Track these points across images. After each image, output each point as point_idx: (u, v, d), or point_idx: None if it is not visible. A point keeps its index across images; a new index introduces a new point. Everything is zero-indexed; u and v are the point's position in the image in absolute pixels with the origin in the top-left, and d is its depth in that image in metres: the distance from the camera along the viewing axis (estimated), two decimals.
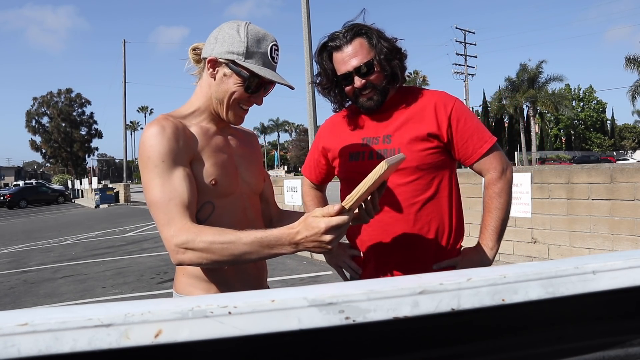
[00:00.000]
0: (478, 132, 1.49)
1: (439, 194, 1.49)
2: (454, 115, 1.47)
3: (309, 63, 12.10)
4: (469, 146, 1.48)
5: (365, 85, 1.45)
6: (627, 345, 0.51)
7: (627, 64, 33.47)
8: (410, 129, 1.47)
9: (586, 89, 58.38)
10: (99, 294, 5.64)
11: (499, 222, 1.48)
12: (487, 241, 1.48)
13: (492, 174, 1.49)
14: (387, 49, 1.45)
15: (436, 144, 1.46)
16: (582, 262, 0.50)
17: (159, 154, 1.12)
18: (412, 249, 1.48)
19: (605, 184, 4.78)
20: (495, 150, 1.50)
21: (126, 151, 31.34)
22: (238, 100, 1.23)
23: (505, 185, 1.49)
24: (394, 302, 0.45)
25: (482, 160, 1.49)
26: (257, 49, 1.19)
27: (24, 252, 9.62)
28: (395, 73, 1.47)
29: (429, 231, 1.48)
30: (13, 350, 0.39)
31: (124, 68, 30.66)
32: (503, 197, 1.49)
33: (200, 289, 1.24)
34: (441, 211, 1.49)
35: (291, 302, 0.44)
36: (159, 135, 1.13)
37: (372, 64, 1.44)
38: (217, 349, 0.44)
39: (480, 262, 1.47)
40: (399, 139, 1.47)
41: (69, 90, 60.68)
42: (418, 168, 1.45)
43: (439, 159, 1.47)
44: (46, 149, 60.01)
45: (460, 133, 1.47)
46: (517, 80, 39.48)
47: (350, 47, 1.44)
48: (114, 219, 16.14)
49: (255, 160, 1.39)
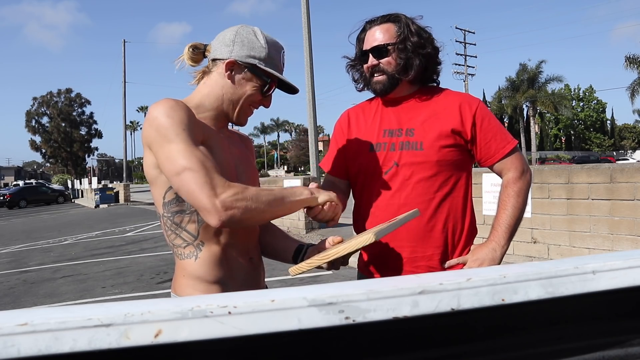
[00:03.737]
0: (501, 133, 1.50)
1: (455, 192, 1.49)
2: (478, 114, 1.48)
3: (309, 63, 12.09)
4: (491, 146, 1.49)
5: (377, 67, 1.49)
6: (627, 345, 0.51)
7: (627, 63, 33.49)
8: (433, 124, 1.48)
9: (586, 89, 58.40)
10: (99, 294, 5.64)
11: (513, 220, 1.48)
12: (499, 239, 1.47)
13: (513, 173, 1.50)
14: (412, 41, 1.47)
15: (458, 142, 1.47)
16: (582, 262, 0.50)
17: (179, 122, 1.10)
18: (423, 245, 1.48)
19: (605, 183, 4.77)
20: (516, 151, 1.51)
21: (126, 151, 31.34)
22: (251, 102, 1.28)
23: (525, 186, 1.50)
24: (394, 302, 0.45)
25: (504, 161, 1.50)
26: (275, 55, 1.26)
27: (24, 252, 9.61)
28: (409, 65, 1.48)
29: (443, 229, 1.48)
30: (13, 350, 0.39)
31: (124, 68, 30.66)
32: (521, 197, 1.49)
33: (200, 291, 1.24)
34: (456, 210, 1.50)
35: (291, 302, 0.44)
36: (173, 108, 1.12)
37: (387, 48, 1.48)
38: (217, 349, 0.44)
39: (491, 259, 1.46)
40: (422, 133, 1.47)
41: (68, 90, 60.69)
42: (438, 163, 1.46)
43: (458, 157, 1.48)
44: (46, 149, 60.01)
45: (484, 132, 1.48)
46: (517, 80, 39.48)
47: (379, 28, 1.50)
48: (114, 219, 16.13)
49: (250, 163, 1.40)
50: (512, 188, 1.49)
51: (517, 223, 1.49)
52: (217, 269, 1.24)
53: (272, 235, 1.46)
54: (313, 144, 12.52)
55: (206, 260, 1.24)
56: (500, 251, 1.46)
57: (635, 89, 34.13)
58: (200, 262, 1.24)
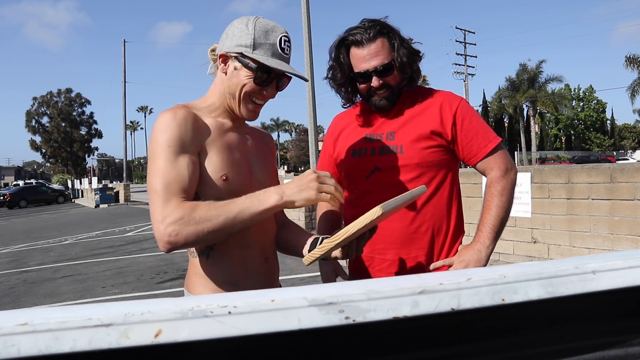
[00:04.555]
0: (483, 131, 1.48)
1: (438, 193, 1.48)
2: (459, 113, 1.46)
3: (309, 63, 12.09)
4: (473, 145, 1.47)
5: (382, 85, 1.45)
6: (627, 345, 0.51)
7: (627, 63, 33.49)
8: (414, 126, 1.47)
9: (586, 89, 58.35)
10: (99, 293, 5.64)
11: (497, 220, 1.46)
12: (484, 239, 1.45)
13: (496, 172, 1.48)
14: (408, 52, 1.45)
15: (439, 142, 1.46)
16: (582, 262, 0.50)
17: (165, 139, 1.12)
18: (408, 247, 1.47)
19: (605, 183, 4.77)
20: (499, 149, 1.49)
21: (126, 151, 31.32)
22: (249, 93, 1.21)
23: (508, 184, 1.48)
24: (394, 302, 0.45)
25: (486, 160, 1.48)
26: (265, 40, 1.18)
27: (24, 252, 9.61)
28: (413, 76, 1.48)
29: (427, 230, 1.47)
30: (13, 350, 0.39)
31: (124, 68, 30.65)
32: (505, 197, 1.47)
33: (210, 290, 1.22)
34: (440, 211, 1.48)
35: (291, 302, 0.44)
36: (168, 122, 1.13)
37: (392, 65, 1.44)
38: (217, 349, 0.44)
39: (476, 260, 1.44)
40: (403, 136, 1.47)
41: (68, 90, 60.68)
42: (419, 165, 1.44)
43: (441, 157, 1.47)
44: (46, 148, 60.01)
45: (465, 132, 1.46)
46: (517, 80, 39.47)
47: (372, 45, 1.43)
48: (114, 218, 16.13)
49: (269, 161, 1.38)
50: (495, 187, 1.47)
51: (503, 222, 1.47)
52: (229, 269, 1.22)
53: (288, 231, 1.43)
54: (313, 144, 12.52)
55: (218, 259, 1.22)
56: (485, 252, 1.44)
57: (635, 89, 34.12)
58: (212, 260, 1.22)
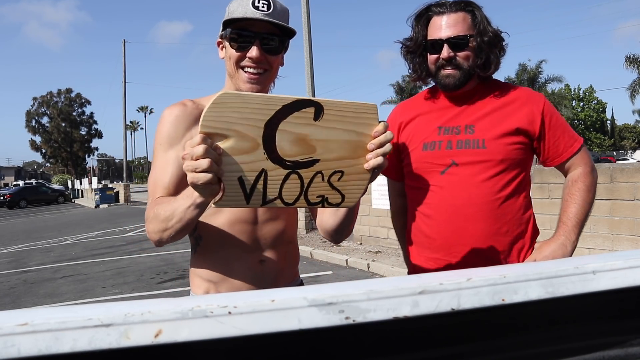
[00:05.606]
0: (568, 130, 1.44)
1: (518, 191, 1.41)
2: (546, 111, 1.41)
3: (309, 63, 12.09)
4: (560, 144, 1.41)
5: (451, 59, 1.37)
6: (627, 345, 0.51)
7: (627, 63, 33.48)
8: (496, 120, 1.40)
9: (586, 89, 58.37)
10: (99, 294, 5.64)
11: (583, 216, 1.39)
12: (569, 233, 1.38)
13: (584, 168, 1.43)
14: (491, 34, 1.38)
15: (523, 140, 1.39)
16: (582, 262, 0.50)
17: (158, 138, 1.17)
18: (486, 250, 1.38)
19: (605, 183, 4.77)
20: (584, 148, 1.45)
21: (126, 151, 31.30)
22: (237, 63, 1.17)
23: (595, 182, 1.43)
24: (394, 302, 0.45)
25: (573, 158, 1.43)
26: (237, 7, 1.14)
27: (24, 252, 9.61)
28: (488, 62, 1.40)
29: (508, 232, 1.38)
30: (13, 350, 0.39)
31: (124, 68, 30.64)
32: (592, 193, 1.42)
33: (195, 285, 1.23)
34: (520, 210, 1.41)
35: (291, 302, 0.44)
36: (162, 120, 1.18)
37: (468, 39, 1.37)
38: (217, 349, 0.44)
39: (561, 255, 1.35)
40: (484, 130, 1.39)
41: (68, 90, 60.72)
42: (503, 162, 1.37)
43: (522, 155, 1.40)
44: (46, 149, 60.04)
45: (553, 130, 1.41)
46: (516, 80, 39.48)
47: (453, 15, 1.38)
48: (114, 219, 16.13)
49: None
50: (584, 182, 1.40)
51: (586, 219, 1.40)
52: (211, 267, 1.20)
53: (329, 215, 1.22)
54: None
55: (202, 255, 1.21)
56: (571, 247, 1.37)
57: (635, 89, 34.11)
58: (197, 256, 1.22)
